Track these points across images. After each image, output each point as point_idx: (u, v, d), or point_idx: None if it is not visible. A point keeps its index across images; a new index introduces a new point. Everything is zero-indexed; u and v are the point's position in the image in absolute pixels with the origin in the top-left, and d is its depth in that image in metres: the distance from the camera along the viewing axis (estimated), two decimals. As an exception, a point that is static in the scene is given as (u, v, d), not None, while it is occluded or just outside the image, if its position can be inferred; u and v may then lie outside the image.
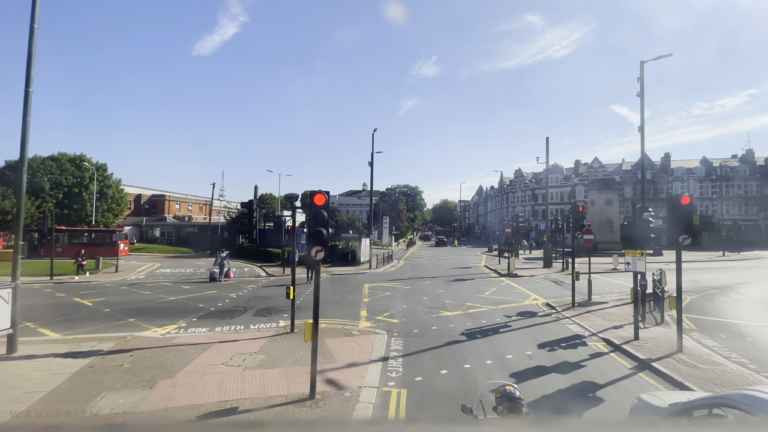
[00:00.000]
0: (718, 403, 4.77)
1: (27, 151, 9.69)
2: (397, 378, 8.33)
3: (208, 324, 12.55)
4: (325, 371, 8.47)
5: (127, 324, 12.50)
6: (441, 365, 9.02)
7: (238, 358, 9.14)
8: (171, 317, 13.35)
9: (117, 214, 46.88)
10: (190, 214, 70.03)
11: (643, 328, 12.07)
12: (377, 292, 18.73)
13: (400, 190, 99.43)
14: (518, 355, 9.78)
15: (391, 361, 9.30)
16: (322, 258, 6.85)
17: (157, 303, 15.78)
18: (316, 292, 7.22)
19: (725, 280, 22.59)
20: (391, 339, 11.00)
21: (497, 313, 14.37)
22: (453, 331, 11.80)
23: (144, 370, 8.32)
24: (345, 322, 12.97)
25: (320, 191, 6.76)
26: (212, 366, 8.60)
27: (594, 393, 7.71)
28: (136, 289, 18.94)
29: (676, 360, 9.35)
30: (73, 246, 34.11)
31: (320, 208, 6.73)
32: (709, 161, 62.91)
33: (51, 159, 42.34)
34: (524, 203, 73.26)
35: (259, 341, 10.53)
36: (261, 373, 8.23)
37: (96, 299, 16.23)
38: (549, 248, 30.33)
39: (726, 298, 18.24)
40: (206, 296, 17.18)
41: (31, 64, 9.71)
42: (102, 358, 9.04)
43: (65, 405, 6.78)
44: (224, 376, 8.03)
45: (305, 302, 15.21)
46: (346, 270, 27.31)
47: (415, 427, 1.71)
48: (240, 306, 15.16)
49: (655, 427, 1.65)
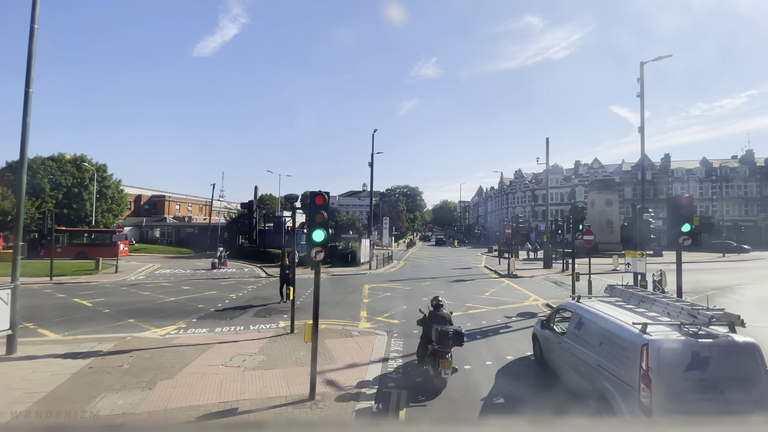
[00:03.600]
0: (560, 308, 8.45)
1: (27, 151, 9.68)
2: (397, 379, 8.31)
3: (208, 325, 12.54)
4: (325, 372, 8.46)
5: (127, 325, 12.48)
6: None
7: (238, 358, 9.12)
8: (171, 318, 13.33)
9: (117, 214, 46.87)
10: (190, 214, 69.99)
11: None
12: (377, 292, 18.72)
13: (400, 191, 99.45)
14: (518, 355, 9.77)
15: (391, 362, 9.28)
16: (322, 259, 6.84)
17: (156, 303, 15.77)
18: (316, 294, 7.21)
19: (725, 280, 22.60)
20: (391, 340, 10.98)
21: (497, 314, 14.35)
22: (453, 332, 11.78)
23: (143, 371, 8.30)
24: (345, 322, 12.96)
25: (320, 192, 6.75)
26: (212, 367, 8.59)
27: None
28: (136, 290, 18.92)
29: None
30: (72, 246, 34.14)
31: (319, 209, 6.71)
32: (709, 162, 62.93)
33: (51, 159, 42.35)
34: (524, 204, 73.27)
35: (259, 342, 10.51)
36: (261, 374, 8.22)
37: (96, 300, 16.21)
38: (549, 249, 30.33)
39: (726, 299, 18.21)
40: (206, 297, 17.17)
41: (32, 64, 9.70)
42: (102, 359, 9.02)
43: (64, 406, 6.76)
44: (224, 377, 8.01)
45: (305, 303, 15.20)
46: (346, 271, 27.30)
47: (415, 427, 1.65)
48: (240, 306, 15.15)
49: (655, 427, 1.68)
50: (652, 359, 5.18)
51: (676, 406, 5.06)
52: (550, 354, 8.33)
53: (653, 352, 5.21)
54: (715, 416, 5.00)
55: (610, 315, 6.52)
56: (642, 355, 5.29)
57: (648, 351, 5.24)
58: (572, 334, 7.31)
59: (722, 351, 5.28)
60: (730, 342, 5.36)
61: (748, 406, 5.06)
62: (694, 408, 5.01)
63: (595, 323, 6.68)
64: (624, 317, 6.31)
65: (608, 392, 5.86)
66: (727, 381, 5.17)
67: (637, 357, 5.35)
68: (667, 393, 5.10)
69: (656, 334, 5.44)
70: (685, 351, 5.22)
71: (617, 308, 7.00)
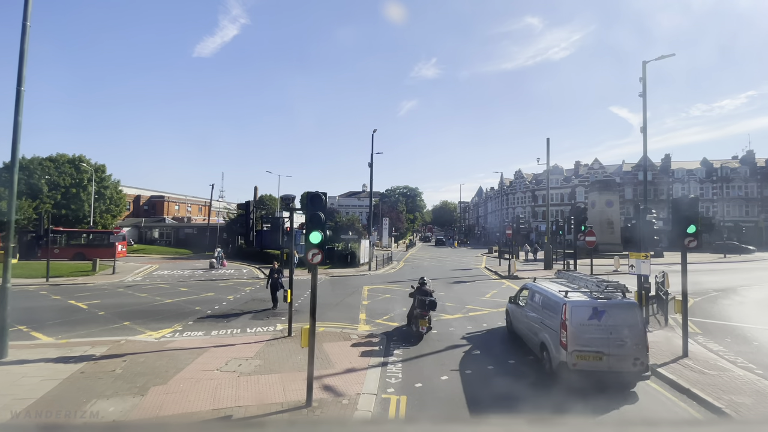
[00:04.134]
0: (522, 287, 10.78)
1: (18, 150, 9.48)
2: (397, 384, 8.12)
3: (205, 327, 12.34)
4: (323, 377, 8.26)
5: (122, 327, 12.28)
6: (442, 371, 8.81)
7: (234, 363, 8.92)
8: (167, 320, 13.13)
9: (115, 215, 46.61)
10: (190, 215, 69.77)
11: (648, 332, 11.86)
12: (377, 294, 18.52)
13: (399, 191, 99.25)
14: (521, 359, 9.57)
15: (390, 366, 9.08)
16: (320, 261, 6.64)
17: (153, 305, 15.57)
18: (313, 297, 7.01)
19: (727, 282, 22.38)
20: (391, 343, 10.78)
21: (498, 316, 14.15)
22: (454, 335, 11.60)
23: (136, 376, 8.10)
24: (344, 325, 12.76)
25: (316, 193, 6.55)
26: (207, 372, 8.38)
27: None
28: (133, 291, 18.72)
29: (682, 365, 9.14)
30: (70, 247, 33.91)
31: (316, 210, 6.51)
32: (709, 162, 62.74)
33: (49, 160, 42.13)
34: (524, 204, 73.07)
35: (256, 345, 10.31)
36: (256, 379, 8.02)
37: (91, 302, 16.00)
38: (550, 250, 30.12)
39: (729, 301, 18.06)
40: (203, 299, 16.97)
41: (24, 62, 9.50)
42: (94, 364, 8.82)
43: (54, 413, 6.56)
44: (219, 383, 7.81)
45: (303, 305, 14.98)
46: (345, 272, 27.09)
47: (415, 427, 1.57)
48: (237, 309, 14.94)
49: (655, 426, 1.67)
50: (568, 313, 7.98)
51: (581, 340, 7.77)
52: (516, 322, 11.04)
53: (568, 309, 8.01)
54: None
55: (551, 289, 9.30)
56: (563, 310, 8.09)
57: (566, 308, 8.05)
58: (528, 304, 10.16)
59: (614, 307, 8.02)
60: (620, 302, 8.18)
61: (630, 341, 7.78)
62: (591, 341, 7.78)
63: (541, 294, 9.49)
64: (558, 289, 9.02)
65: (545, 339, 8.66)
66: (617, 326, 7.87)
67: (561, 312, 8.15)
68: (575, 333, 7.83)
69: (572, 297, 8.32)
70: (588, 307, 8.00)
71: (557, 284, 9.75)
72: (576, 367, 7.68)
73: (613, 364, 7.64)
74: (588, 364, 7.67)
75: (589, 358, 7.67)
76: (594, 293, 8.42)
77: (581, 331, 7.79)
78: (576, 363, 7.68)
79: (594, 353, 7.66)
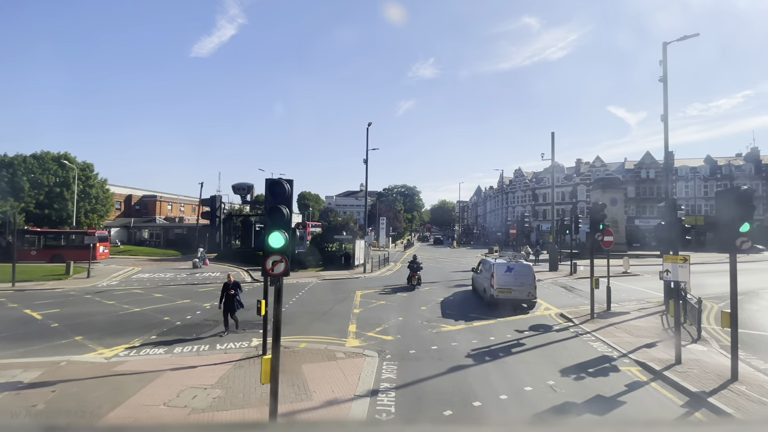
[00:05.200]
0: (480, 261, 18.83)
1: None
2: (389, 422, 6.47)
3: (168, 343, 10.65)
4: (297, 412, 6.63)
5: (71, 343, 10.56)
6: (443, 402, 7.16)
7: (188, 394, 7.24)
8: (127, 334, 11.43)
9: (102, 215, 44.59)
10: (183, 215, 67.81)
11: (681, 346, 10.25)
12: (370, 300, 16.83)
13: (397, 191, 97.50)
14: (539, 386, 7.92)
15: (381, 396, 7.41)
16: (282, 272, 4.96)
17: (117, 315, 13.84)
18: (276, 323, 5.29)
19: (745, 284, 20.65)
20: (383, 363, 9.12)
21: (506, 327, 12.53)
22: (457, 352, 9.94)
23: (59, 414, 6.42)
24: (330, 340, 11.09)
25: (278, 180, 4.88)
26: (150, 407, 6.70)
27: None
28: (101, 298, 16.94)
29: (735, 392, 7.52)
30: (48, 249, 32.03)
31: (277, 204, 4.83)
32: (713, 160, 61.30)
33: (33, 157, 40.21)
34: (524, 203, 71.45)
35: (222, 368, 8.64)
36: (210, 419, 6.35)
37: (49, 311, 14.26)
38: (555, 250, 28.51)
39: (755, 306, 16.57)
40: (177, 307, 15.24)
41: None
42: (15, 395, 7.14)
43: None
44: (161, 424, 6.14)
45: (289, 313, 13.27)
46: (338, 274, 25.41)
47: (415, 427, 1.90)
48: (211, 319, 13.19)
49: (655, 426, 1.64)
50: (495, 268, 15.13)
51: (500, 283, 14.73)
52: (475, 283, 18.71)
53: (495, 267, 15.18)
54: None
55: (493, 260, 16.11)
56: (493, 268, 15.21)
57: (494, 266, 15.22)
58: (481, 270, 17.32)
59: (519, 266, 15.28)
60: (521, 264, 15.58)
61: (527, 283, 14.85)
62: (506, 283, 14.82)
63: (487, 263, 16.51)
64: (493, 259, 16.62)
65: (486, 284, 15.81)
66: (519, 275, 14.91)
67: (492, 269, 15.23)
68: (498, 280, 14.77)
69: (498, 261, 15.87)
70: (505, 266, 15.24)
71: (499, 258, 17.65)
72: (498, 297, 14.68)
73: (517, 296, 14.75)
74: (504, 295, 14.69)
75: (505, 292, 14.71)
76: (511, 259, 16.41)
77: (501, 278, 14.86)
78: (498, 295, 14.69)
79: (507, 289, 14.72)
